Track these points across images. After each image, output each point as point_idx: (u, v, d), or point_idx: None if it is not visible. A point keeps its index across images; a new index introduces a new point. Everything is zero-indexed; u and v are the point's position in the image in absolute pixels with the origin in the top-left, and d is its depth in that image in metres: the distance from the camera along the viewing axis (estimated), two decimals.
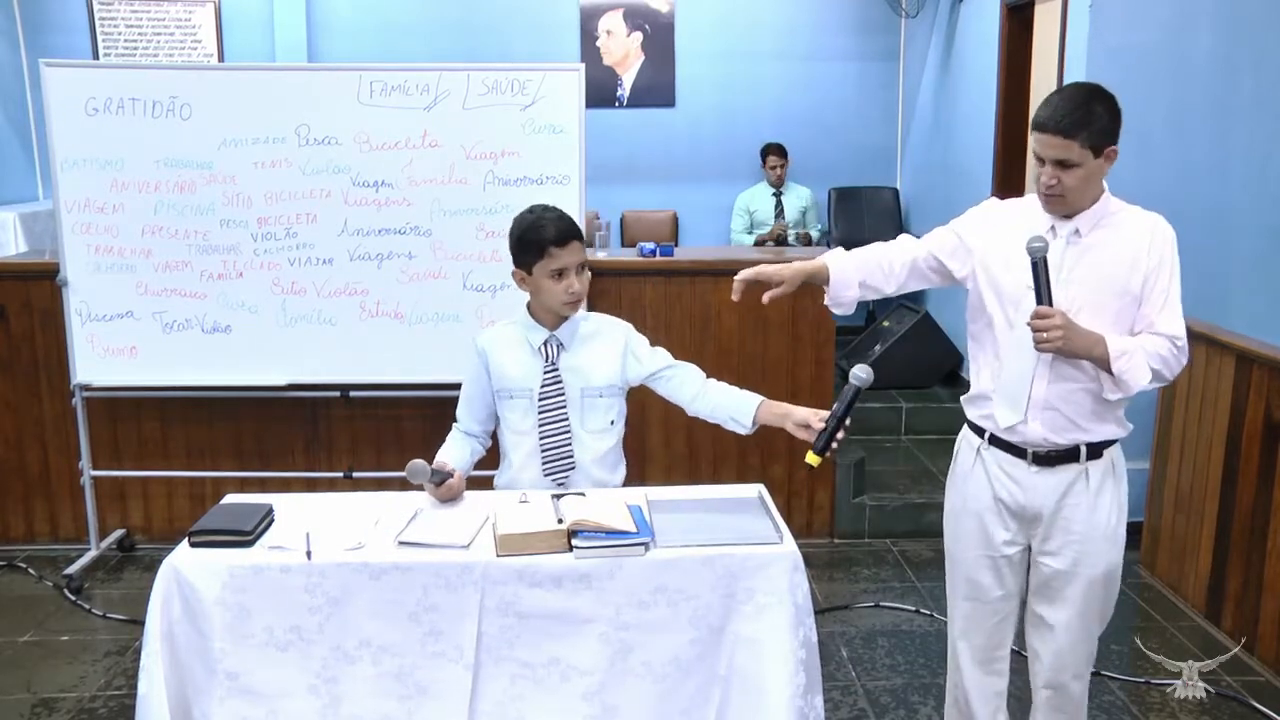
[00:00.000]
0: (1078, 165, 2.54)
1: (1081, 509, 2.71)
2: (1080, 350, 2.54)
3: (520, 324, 2.98)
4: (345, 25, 7.34)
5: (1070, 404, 2.65)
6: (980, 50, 6.18)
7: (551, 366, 2.93)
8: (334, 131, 4.28)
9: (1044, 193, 2.60)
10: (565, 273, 2.85)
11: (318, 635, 2.43)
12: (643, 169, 7.42)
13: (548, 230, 2.86)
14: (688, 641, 2.45)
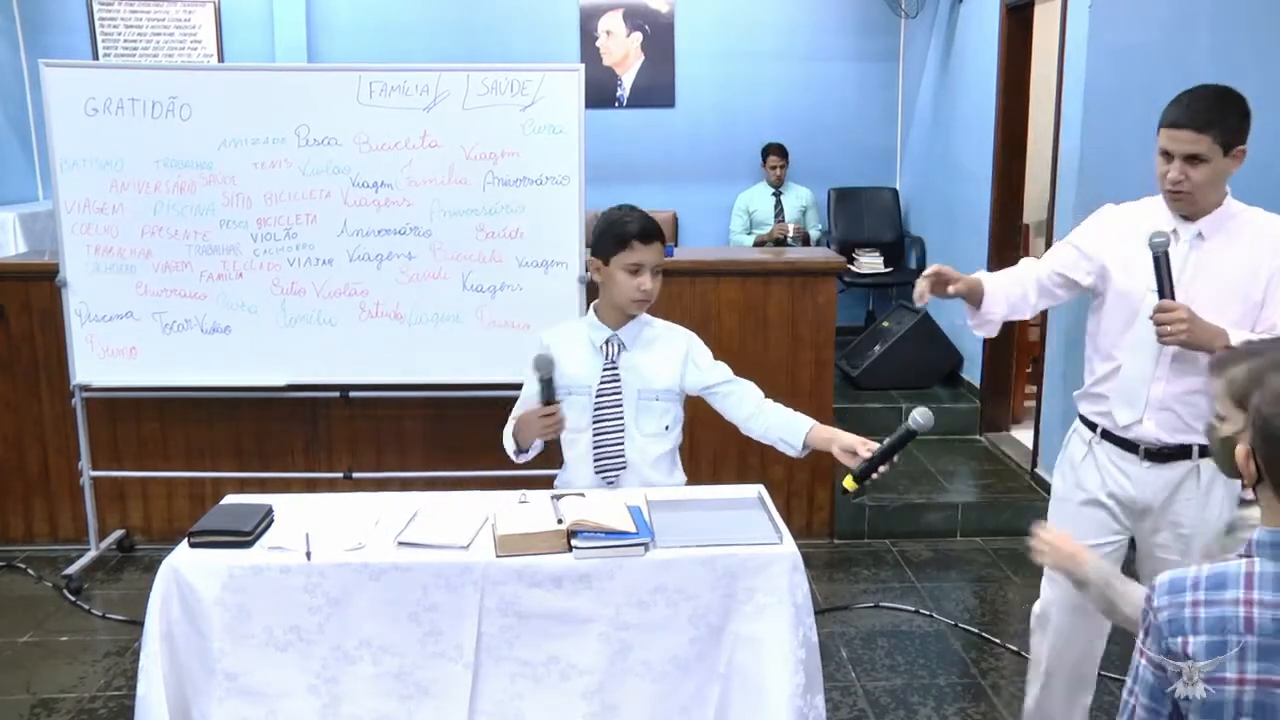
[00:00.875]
0: (1207, 161, 2.58)
1: (1192, 505, 2.74)
2: (1204, 343, 2.57)
3: (585, 322, 3.02)
4: (345, 25, 7.35)
5: (1187, 405, 2.69)
6: (980, 50, 6.18)
7: (611, 365, 2.95)
8: (334, 132, 4.28)
9: (1170, 189, 2.64)
10: (641, 269, 2.87)
11: (318, 635, 2.43)
12: (642, 169, 7.42)
13: (634, 224, 2.89)
14: (687, 641, 2.45)
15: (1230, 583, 1.61)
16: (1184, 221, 2.70)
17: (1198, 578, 1.64)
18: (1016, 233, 6.09)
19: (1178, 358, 2.66)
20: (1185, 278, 2.66)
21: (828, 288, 4.75)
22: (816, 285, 4.73)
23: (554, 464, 3.15)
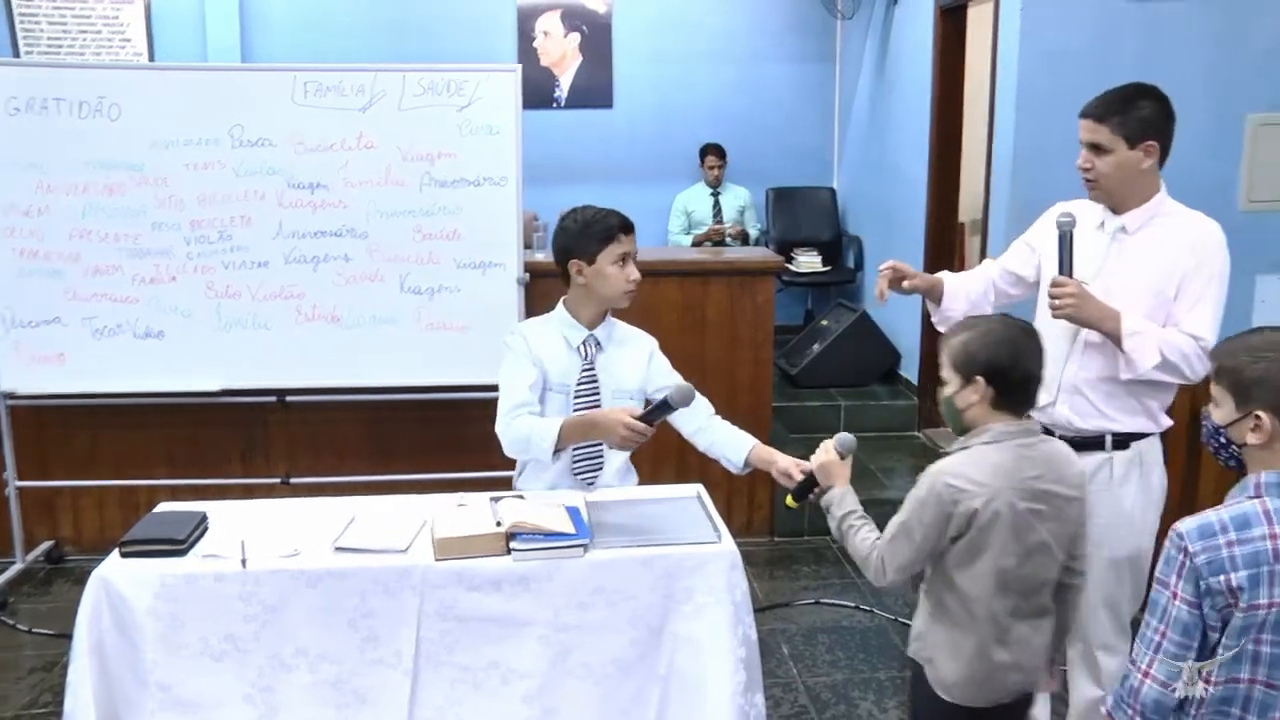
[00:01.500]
0: (1110, 151, 2.70)
1: (1105, 496, 2.80)
2: (1093, 320, 2.68)
3: (557, 321, 2.98)
4: (279, 24, 7.24)
5: (1096, 390, 2.78)
6: (915, 52, 6.25)
7: (589, 365, 2.93)
8: (268, 133, 4.22)
9: (1083, 176, 2.78)
10: (628, 259, 2.89)
11: (253, 644, 2.40)
12: (581, 170, 7.41)
13: (614, 218, 2.93)
14: (627, 642, 2.45)
15: (1254, 521, 1.83)
16: (1112, 215, 2.80)
17: (1223, 521, 1.83)
18: (952, 231, 6.16)
19: (1089, 344, 2.77)
20: (1107, 267, 2.77)
21: (766, 287, 4.78)
22: (755, 285, 4.76)
23: (492, 466, 3.14)
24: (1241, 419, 1.90)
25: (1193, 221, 2.78)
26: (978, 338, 2.27)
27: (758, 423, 4.82)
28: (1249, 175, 4.93)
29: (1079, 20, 4.75)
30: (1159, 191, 2.79)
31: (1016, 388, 2.26)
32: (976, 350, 2.27)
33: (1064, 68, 4.69)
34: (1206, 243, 2.75)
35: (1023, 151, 4.85)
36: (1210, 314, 2.73)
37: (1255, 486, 1.87)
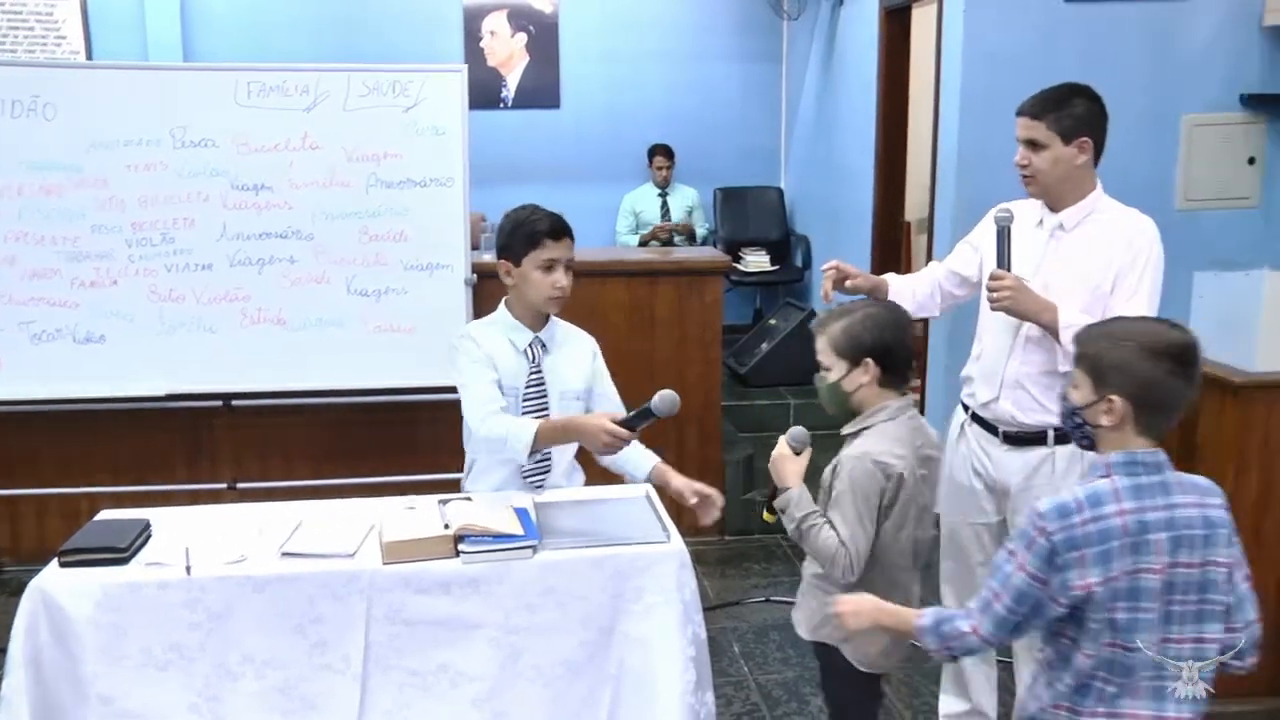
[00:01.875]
0: (1046, 147, 2.78)
1: (1047, 490, 2.83)
2: (1030, 312, 2.75)
3: (501, 324, 2.93)
4: (221, 23, 7.14)
5: (1038, 384, 2.84)
6: (860, 52, 6.30)
7: (536, 368, 2.91)
8: (211, 133, 4.17)
9: (1020, 173, 2.85)
10: (554, 266, 2.84)
11: (199, 653, 2.37)
12: (528, 171, 7.38)
13: (543, 222, 2.85)
14: (577, 643, 2.45)
15: (1106, 499, 1.94)
16: (1050, 212, 2.87)
17: (1079, 500, 1.94)
18: (899, 230, 6.22)
19: (1030, 339, 2.83)
20: (1045, 263, 2.85)
21: (714, 287, 4.80)
22: (703, 284, 4.77)
23: (440, 468, 3.12)
24: (1097, 402, 1.99)
25: (1128, 218, 2.86)
26: (858, 322, 2.42)
27: (707, 422, 4.84)
28: (1184, 174, 5.03)
29: (1021, 22, 4.82)
30: (1095, 189, 2.86)
31: (901, 364, 2.44)
32: (860, 334, 2.41)
33: (1006, 68, 4.75)
34: (1141, 238, 2.82)
35: (967, 151, 4.91)
36: (1145, 306, 2.79)
37: (1106, 466, 1.98)
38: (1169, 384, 1.96)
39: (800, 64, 7.46)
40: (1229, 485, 3.44)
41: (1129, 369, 1.95)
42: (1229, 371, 3.57)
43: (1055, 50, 4.77)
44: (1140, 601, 1.94)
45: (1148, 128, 4.91)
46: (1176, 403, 1.99)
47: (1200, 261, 5.11)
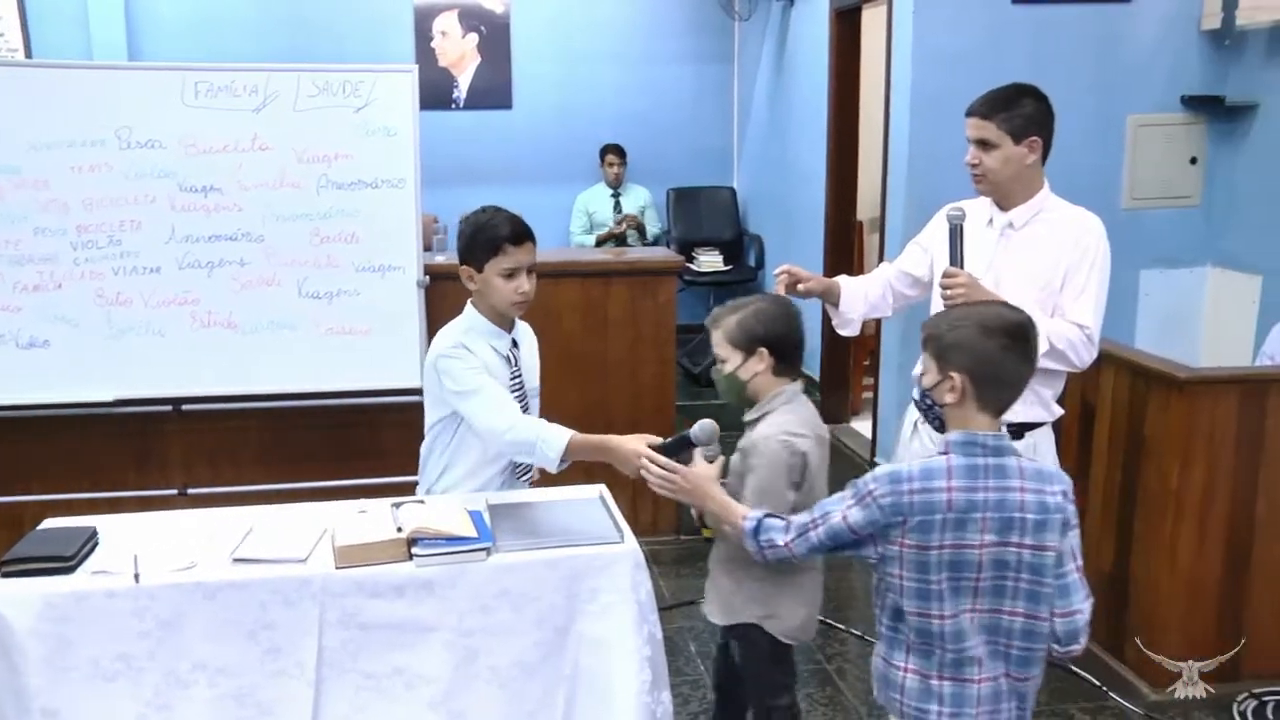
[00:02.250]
0: (997, 147, 2.82)
1: None
2: None
3: (480, 330, 2.86)
4: (167, 22, 7.06)
5: None
6: (811, 52, 6.34)
7: (516, 370, 2.90)
8: (158, 134, 4.11)
9: (971, 173, 2.89)
10: (517, 273, 2.80)
11: (148, 662, 2.33)
12: (481, 171, 7.36)
13: (504, 227, 2.80)
14: (532, 644, 2.45)
15: (937, 475, 2.05)
16: (999, 211, 2.91)
17: (911, 471, 2.07)
18: (851, 229, 6.27)
19: None
20: (995, 261, 2.89)
21: (667, 287, 4.80)
22: (656, 284, 4.78)
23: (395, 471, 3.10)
24: (942, 381, 2.09)
25: (1075, 216, 2.91)
26: (751, 316, 2.56)
27: (661, 422, 4.83)
28: (1130, 174, 5.12)
29: (969, 23, 4.88)
30: (1043, 188, 2.91)
31: (793, 353, 2.59)
32: (754, 326, 2.54)
33: (956, 69, 4.81)
34: (1088, 236, 2.88)
35: (918, 150, 4.96)
36: (1093, 303, 2.85)
37: (945, 444, 2.10)
38: (1004, 359, 2.06)
39: (752, 65, 7.50)
40: (1175, 479, 3.54)
41: (967, 347, 2.06)
42: (1174, 367, 3.63)
43: (1004, 51, 4.84)
44: (961, 573, 2.06)
45: (1095, 128, 4.99)
46: (1012, 378, 2.10)
47: (1146, 259, 5.22)
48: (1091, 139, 4.98)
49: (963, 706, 2.11)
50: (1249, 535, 3.63)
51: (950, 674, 2.11)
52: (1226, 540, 3.62)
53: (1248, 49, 4.94)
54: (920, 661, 2.13)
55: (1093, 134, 4.99)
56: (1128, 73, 5.01)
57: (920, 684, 2.13)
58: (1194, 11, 4.99)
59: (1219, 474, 3.57)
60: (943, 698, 2.12)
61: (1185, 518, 3.58)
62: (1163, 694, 3.67)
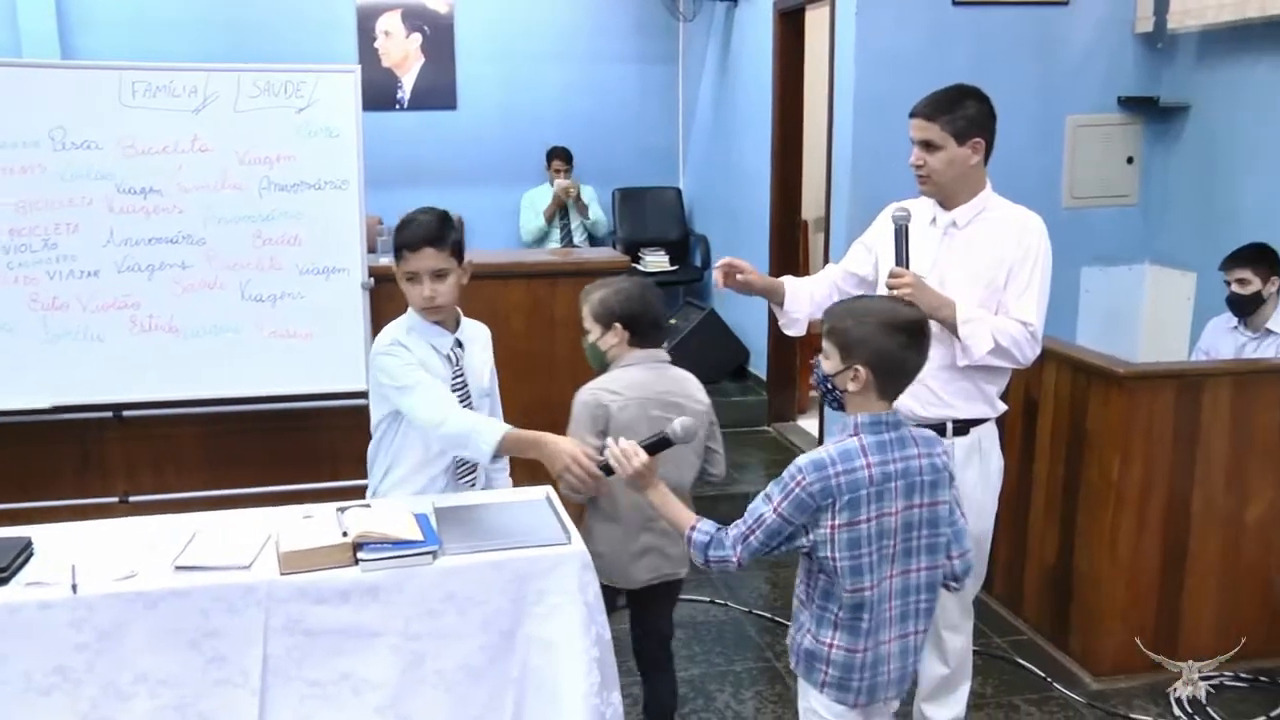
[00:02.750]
0: (941, 148, 2.85)
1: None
2: (929, 308, 2.77)
3: (420, 329, 2.84)
4: (102, 19, 6.91)
5: (936, 379, 2.90)
6: (755, 53, 6.37)
7: (459, 369, 2.87)
8: (93, 135, 4.04)
9: (915, 174, 2.92)
10: (417, 277, 2.77)
11: (86, 674, 2.28)
12: (426, 172, 7.31)
13: (404, 232, 2.79)
14: (479, 647, 2.44)
15: (854, 455, 2.24)
16: (942, 210, 2.95)
17: (832, 456, 2.23)
18: (796, 229, 6.31)
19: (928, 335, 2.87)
20: (940, 260, 2.92)
21: None
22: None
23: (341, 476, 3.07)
24: (845, 370, 2.26)
25: (1017, 215, 2.95)
26: (613, 294, 2.89)
27: None
28: (1070, 173, 5.20)
29: (911, 24, 4.93)
30: (985, 188, 2.94)
31: (648, 328, 2.90)
32: (614, 304, 2.88)
33: (898, 70, 4.85)
34: (1030, 235, 2.92)
35: (861, 150, 5.00)
36: (1036, 300, 2.89)
37: (854, 426, 2.28)
38: (904, 355, 2.26)
39: (697, 65, 7.52)
40: (1115, 472, 3.60)
41: (871, 342, 2.23)
42: (1114, 363, 3.70)
43: (945, 53, 4.89)
44: (883, 542, 2.26)
45: (1035, 128, 5.06)
46: (909, 370, 2.29)
47: (1087, 257, 5.30)
48: (1032, 139, 5.05)
49: (879, 666, 2.32)
50: (1185, 526, 3.71)
51: (870, 641, 2.30)
52: (1164, 532, 3.69)
53: (1179, 52, 5.04)
54: (847, 636, 2.30)
55: (1033, 134, 5.06)
56: (1066, 74, 5.09)
57: (846, 656, 2.31)
58: (1128, 15, 5.08)
59: (1157, 467, 3.64)
60: (864, 664, 2.31)
61: (1125, 510, 3.65)
62: (1104, 682, 3.74)
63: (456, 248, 2.82)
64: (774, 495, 2.26)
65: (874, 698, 2.35)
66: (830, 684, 2.34)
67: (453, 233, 2.81)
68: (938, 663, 3.18)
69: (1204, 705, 3.60)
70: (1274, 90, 4.51)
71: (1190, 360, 4.48)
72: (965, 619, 3.15)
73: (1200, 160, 4.97)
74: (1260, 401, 3.67)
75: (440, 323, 2.86)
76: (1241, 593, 3.80)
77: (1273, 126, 4.52)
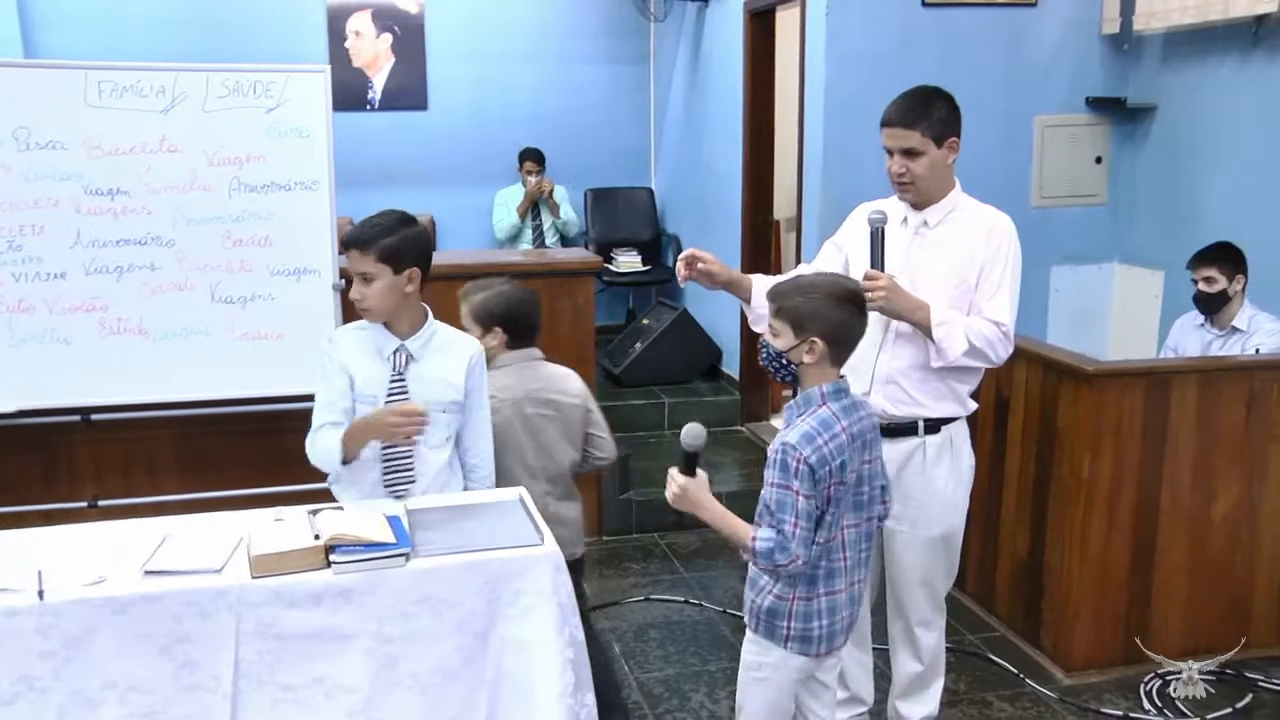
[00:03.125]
0: (923, 154, 2.86)
1: (919, 478, 2.99)
2: (904, 311, 2.84)
3: (373, 328, 2.86)
4: (67, 17, 6.82)
5: (909, 379, 2.93)
6: (726, 53, 6.38)
7: (398, 376, 2.84)
8: (59, 135, 3.99)
9: (896, 182, 2.92)
10: (353, 278, 2.80)
11: (53, 682, 2.25)
12: (397, 173, 7.28)
13: (349, 231, 2.83)
14: (453, 649, 2.43)
15: (831, 423, 2.42)
16: (913, 210, 2.96)
17: (816, 428, 2.40)
18: (768, 229, 6.32)
19: (899, 334, 2.93)
20: (911, 260, 2.94)
21: (586, 287, 4.80)
22: (575, 285, 4.78)
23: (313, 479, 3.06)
24: (800, 344, 2.42)
25: (986, 214, 2.97)
26: (493, 297, 3.07)
27: None
28: (1039, 173, 5.24)
29: (881, 25, 4.96)
30: (955, 187, 2.96)
31: (525, 331, 3.10)
32: (494, 307, 3.05)
33: (869, 70, 4.88)
34: (999, 233, 2.94)
35: (832, 151, 5.02)
36: (1008, 300, 2.92)
37: (821, 396, 2.45)
38: (852, 323, 2.45)
39: (668, 65, 7.53)
40: (1085, 469, 3.63)
41: (823, 315, 2.40)
42: (1083, 361, 3.73)
43: (915, 53, 4.92)
44: (848, 497, 2.47)
45: (1004, 128, 5.10)
46: (857, 337, 2.48)
47: (1056, 256, 5.35)
48: (1001, 139, 5.09)
49: (836, 614, 2.50)
50: (1154, 522, 3.74)
51: (825, 589, 2.48)
52: (1133, 528, 3.73)
53: (1145, 53, 5.09)
54: (806, 588, 2.47)
55: (1002, 134, 5.09)
56: (1034, 75, 5.13)
57: (805, 607, 2.47)
58: (1095, 16, 5.13)
59: (1126, 463, 3.67)
60: (821, 612, 2.48)
61: (1095, 506, 3.68)
62: (1076, 677, 3.77)
63: (388, 253, 2.76)
64: (787, 481, 2.38)
65: (832, 645, 2.53)
66: (794, 638, 2.49)
67: (388, 239, 2.77)
68: (911, 659, 3.19)
69: (1173, 698, 3.63)
70: (1236, 91, 4.56)
71: (1158, 358, 4.52)
72: (938, 615, 3.17)
73: (1167, 160, 5.02)
74: (1226, 398, 3.71)
75: (389, 326, 2.85)
76: (1208, 588, 3.84)
77: (1236, 126, 4.57)
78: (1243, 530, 3.82)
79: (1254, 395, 3.73)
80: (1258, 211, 4.43)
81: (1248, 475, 3.78)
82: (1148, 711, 3.58)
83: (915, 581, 3.09)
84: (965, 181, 3.04)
